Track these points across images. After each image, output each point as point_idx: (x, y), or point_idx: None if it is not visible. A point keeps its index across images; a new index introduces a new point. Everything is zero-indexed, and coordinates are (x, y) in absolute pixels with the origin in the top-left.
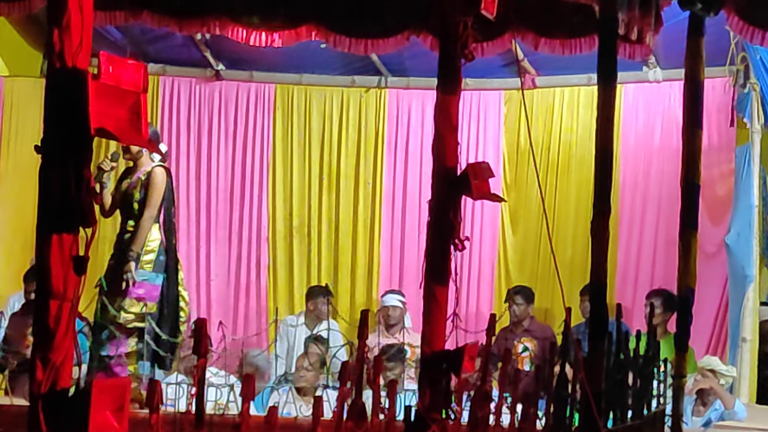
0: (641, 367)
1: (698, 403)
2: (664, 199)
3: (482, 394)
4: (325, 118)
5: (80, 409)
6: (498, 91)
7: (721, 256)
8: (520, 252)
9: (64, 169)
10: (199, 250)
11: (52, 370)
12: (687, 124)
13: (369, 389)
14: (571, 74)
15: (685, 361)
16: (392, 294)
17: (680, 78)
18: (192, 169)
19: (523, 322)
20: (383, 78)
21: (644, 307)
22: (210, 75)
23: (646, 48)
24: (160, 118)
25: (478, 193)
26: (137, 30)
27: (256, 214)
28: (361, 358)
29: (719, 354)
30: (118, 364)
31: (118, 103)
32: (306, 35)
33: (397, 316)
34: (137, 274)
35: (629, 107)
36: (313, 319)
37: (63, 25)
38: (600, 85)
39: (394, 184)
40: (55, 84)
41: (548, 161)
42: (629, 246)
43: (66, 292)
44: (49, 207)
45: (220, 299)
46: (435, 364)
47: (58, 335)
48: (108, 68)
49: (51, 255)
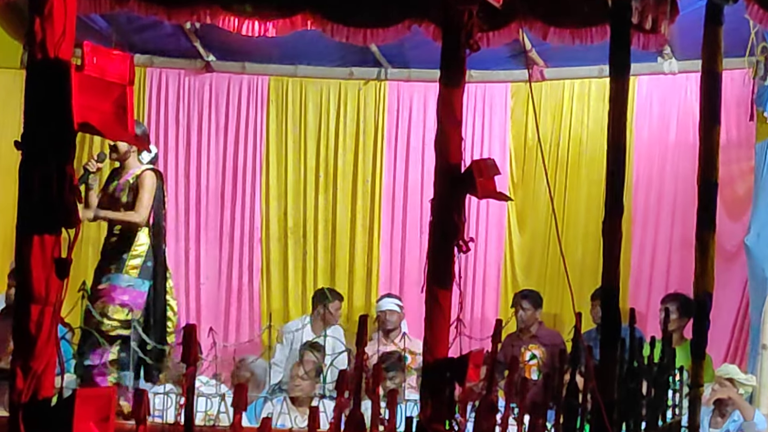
0: (656, 375)
1: (716, 413)
2: (680, 198)
3: (488, 404)
4: (322, 112)
5: (63, 419)
6: (504, 84)
7: (740, 257)
8: (527, 254)
9: (45, 166)
10: (188, 252)
11: (34, 378)
12: (704, 118)
13: (368, 399)
14: (582, 66)
15: (702, 370)
16: (389, 298)
17: (697, 70)
18: (181, 166)
19: (531, 328)
20: (383, 70)
21: (659, 312)
22: (200, 66)
23: (661, 38)
24: (147, 112)
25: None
26: (123, 18)
27: (249, 214)
28: (359, 367)
29: (738, 362)
30: (100, 373)
31: (102, 96)
32: (301, 24)
33: (395, 321)
34: (122, 279)
35: (643, 101)
36: (320, 326)
37: (45, 13)
38: (612, 78)
39: (395, 182)
40: (36, 76)
41: (557, 158)
42: (643, 247)
43: (48, 297)
44: (29, 206)
45: (211, 304)
46: (438, 372)
47: (39, 342)
48: (92, 59)
49: (32, 257)
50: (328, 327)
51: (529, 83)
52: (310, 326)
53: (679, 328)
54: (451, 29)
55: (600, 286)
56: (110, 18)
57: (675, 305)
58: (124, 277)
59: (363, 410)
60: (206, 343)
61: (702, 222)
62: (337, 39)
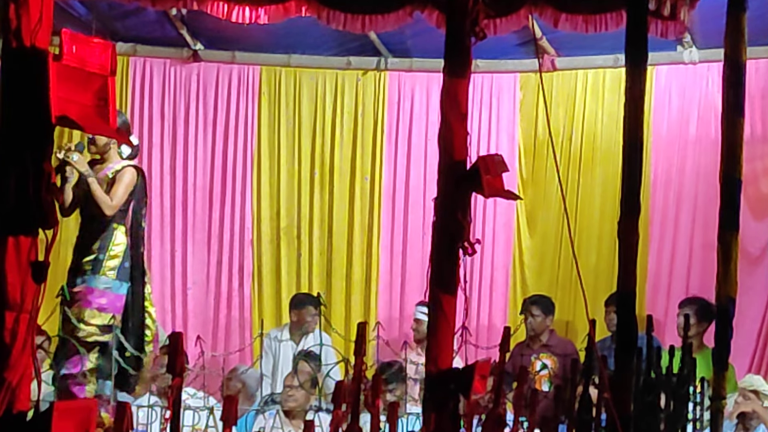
0: (675, 387)
1: (739, 427)
2: (701, 197)
3: (495, 418)
4: (317, 104)
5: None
6: (513, 74)
7: (765, 260)
8: (537, 257)
9: (21, 163)
10: (174, 255)
11: (8, 391)
12: (727, 111)
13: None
14: (596, 55)
15: (724, 381)
16: (420, 306)
17: (719, 59)
18: (166, 162)
19: (541, 337)
20: (383, 59)
21: (677, 317)
22: (187, 55)
23: (681, 25)
24: (131, 104)
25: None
26: (104, 4)
27: (239, 214)
28: (357, 377)
29: (763, 373)
30: (76, 383)
31: (82, 88)
32: (295, 10)
33: (423, 330)
34: (98, 281)
35: (661, 92)
36: (298, 333)
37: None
38: (628, 67)
39: (395, 179)
40: (11, 66)
41: (570, 153)
42: (661, 250)
43: (23, 303)
44: (3, 206)
45: (198, 310)
46: (441, 384)
47: (14, 351)
48: (71, 48)
49: (6, 260)
50: (305, 335)
51: (539, 73)
52: (289, 334)
53: (698, 334)
54: (455, 15)
55: (615, 292)
56: (90, 4)
57: (693, 309)
58: (101, 279)
59: (361, 424)
60: (193, 352)
61: (724, 222)
62: (333, 26)
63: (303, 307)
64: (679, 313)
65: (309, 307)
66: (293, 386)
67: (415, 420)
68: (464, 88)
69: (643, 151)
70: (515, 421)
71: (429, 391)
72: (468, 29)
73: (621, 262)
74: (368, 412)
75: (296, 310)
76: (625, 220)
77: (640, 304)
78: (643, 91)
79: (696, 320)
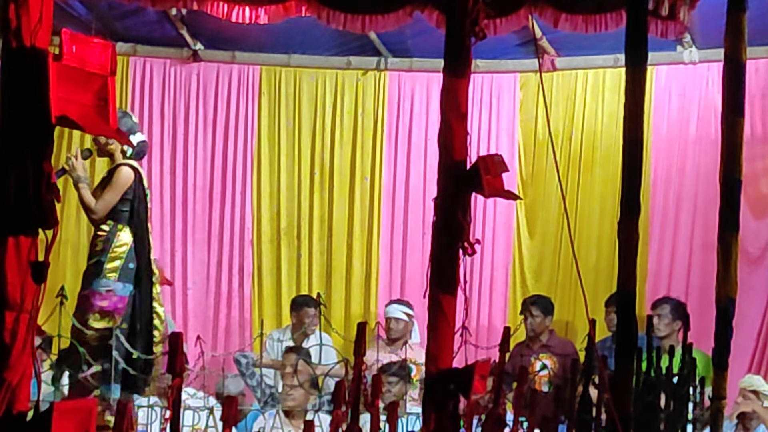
0: (675, 387)
1: (739, 428)
2: (701, 197)
3: (495, 418)
4: (317, 104)
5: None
6: (513, 74)
7: (765, 260)
8: (537, 257)
9: (21, 163)
10: (174, 255)
11: (8, 391)
12: (727, 111)
13: (367, 413)
14: (596, 55)
15: (724, 381)
16: (396, 305)
17: (719, 59)
18: (166, 162)
19: (541, 337)
20: (383, 59)
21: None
22: (187, 55)
23: (681, 25)
24: (131, 104)
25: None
26: (104, 4)
27: (239, 214)
28: (357, 378)
29: (763, 373)
30: (83, 387)
31: (82, 88)
32: (295, 10)
33: (401, 329)
34: (99, 283)
35: (661, 92)
36: (300, 335)
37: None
38: (628, 67)
39: (395, 179)
40: (11, 66)
41: (569, 154)
42: (661, 250)
43: (23, 303)
44: (4, 206)
45: (198, 310)
46: (441, 384)
47: (14, 352)
48: (71, 48)
49: (6, 260)
50: (307, 336)
51: (539, 73)
52: (291, 336)
53: (672, 333)
54: (455, 16)
55: (615, 292)
56: (90, 4)
57: (665, 310)
58: (102, 281)
59: (361, 424)
60: (193, 352)
61: (724, 222)
62: (333, 26)
63: (302, 309)
64: (652, 314)
65: (307, 308)
66: (293, 386)
67: (415, 420)
68: (464, 88)
69: (643, 151)
70: (515, 421)
71: (429, 391)
72: (468, 29)
73: (621, 262)
74: (368, 412)
75: (295, 313)
76: (625, 220)
77: (640, 304)
78: (643, 91)
79: (670, 319)
